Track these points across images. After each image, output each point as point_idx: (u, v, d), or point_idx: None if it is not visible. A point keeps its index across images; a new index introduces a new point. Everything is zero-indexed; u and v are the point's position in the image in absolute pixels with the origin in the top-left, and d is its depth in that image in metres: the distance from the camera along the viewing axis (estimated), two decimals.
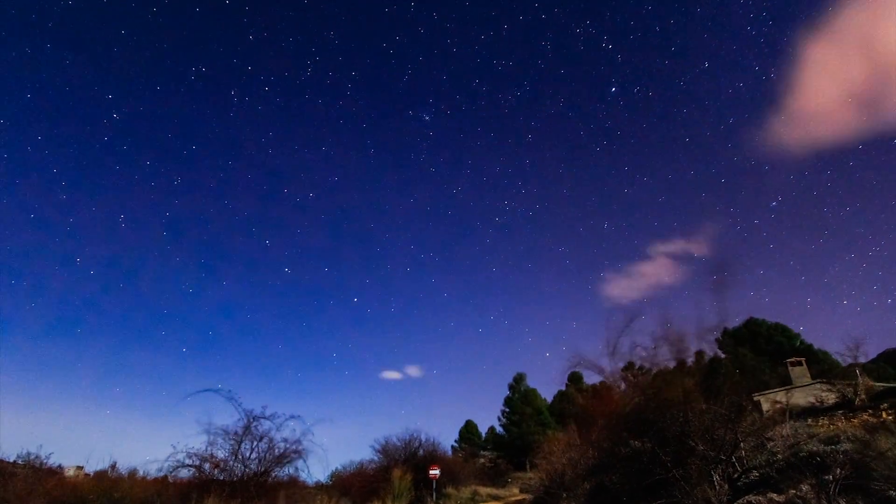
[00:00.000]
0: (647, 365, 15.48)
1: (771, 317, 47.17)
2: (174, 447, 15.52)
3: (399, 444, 32.32)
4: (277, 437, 16.88)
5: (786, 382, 28.66)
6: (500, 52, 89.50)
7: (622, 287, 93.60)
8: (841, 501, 9.36)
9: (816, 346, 42.57)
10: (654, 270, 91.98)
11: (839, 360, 31.97)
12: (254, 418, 16.52)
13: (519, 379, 57.31)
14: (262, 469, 16.33)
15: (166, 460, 15.44)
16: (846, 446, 11.83)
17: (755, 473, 11.85)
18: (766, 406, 23.77)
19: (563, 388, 54.36)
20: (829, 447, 12.22)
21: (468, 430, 62.45)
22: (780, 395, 24.46)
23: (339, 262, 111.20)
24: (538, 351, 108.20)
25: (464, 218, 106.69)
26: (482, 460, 51.88)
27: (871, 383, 25.06)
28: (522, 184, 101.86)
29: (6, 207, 79.23)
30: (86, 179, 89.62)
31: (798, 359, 30.76)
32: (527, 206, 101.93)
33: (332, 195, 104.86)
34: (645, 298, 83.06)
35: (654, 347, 14.79)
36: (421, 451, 32.34)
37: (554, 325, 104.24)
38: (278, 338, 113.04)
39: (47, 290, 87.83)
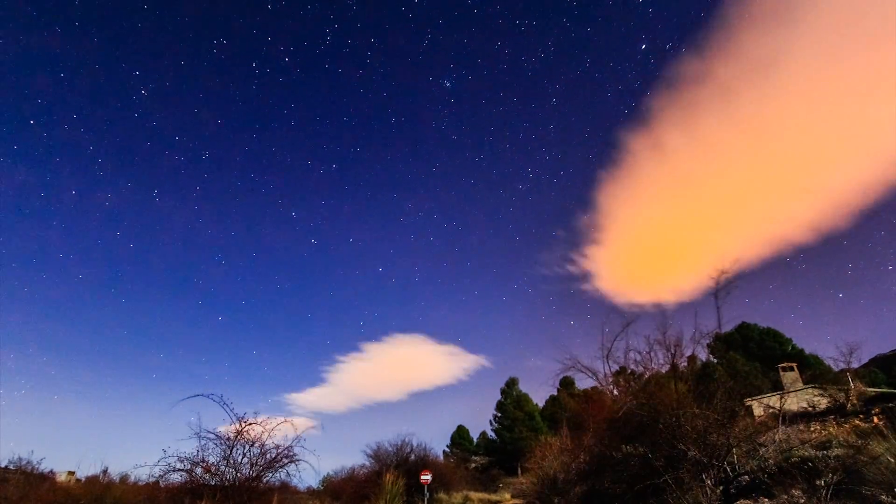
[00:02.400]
0: (640, 369, 15.46)
1: (763, 321, 47.37)
2: (165, 451, 15.33)
3: (391, 449, 32.26)
4: (269, 442, 16.75)
5: (778, 387, 28.73)
6: (523, 11, 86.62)
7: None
8: None
9: (808, 350, 42.77)
10: None
11: (831, 365, 32.13)
12: (246, 422, 16.39)
13: (511, 383, 57.31)
14: (254, 474, 16.18)
15: (156, 464, 15.27)
16: (838, 451, 11.84)
17: (747, 478, 11.85)
18: (758, 411, 23.81)
19: (555, 392, 54.48)
20: (821, 452, 12.23)
21: (460, 435, 62.34)
22: (773, 400, 24.54)
23: (364, 232, 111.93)
24: (532, 353, 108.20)
25: (486, 186, 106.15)
26: (473, 465, 51.81)
27: (863, 388, 25.17)
28: (546, 150, 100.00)
29: (49, 188, 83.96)
30: (121, 157, 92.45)
31: (790, 364, 30.86)
32: (551, 172, 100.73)
33: (355, 165, 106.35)
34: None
35: (649, 352, 14.80)
36: (412, 457, 32.24)
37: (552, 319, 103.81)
38: (301, 311, 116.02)
39: (41, 295, 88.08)
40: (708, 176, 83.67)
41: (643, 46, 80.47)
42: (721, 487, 11.42)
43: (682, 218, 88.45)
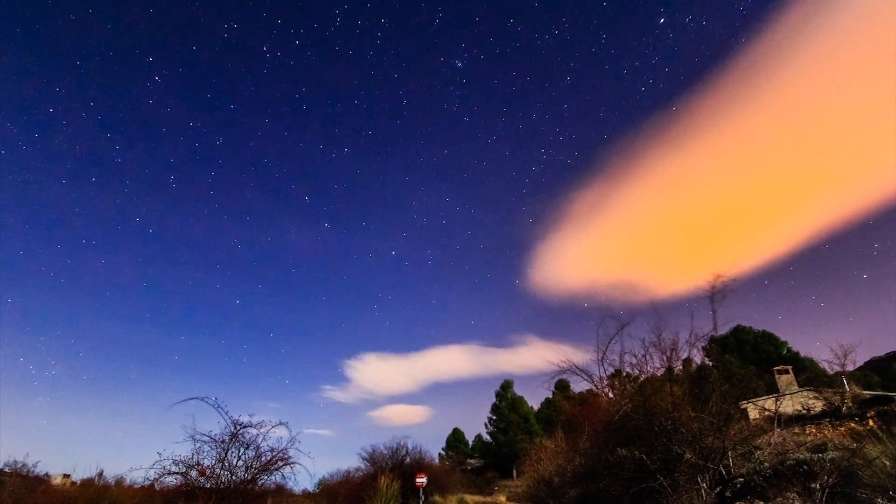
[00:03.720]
0: (635, 372, 15.41)
1: (758, 324, 47.41)
2: (160, 454, 15.26)
3: (386, 451, 32.23)
4: (264, 444, 16.69)
5: (773, 390, 28.76)
6: None
7: None
8: None
9: (803, 353, 42.85)
10: None
11: (826, 367, 32.17)
12: (240, 426, 16.33)
13: (506, 386, 57.27)
14: (249, 477, 16.12)
15: (152, 467, 15.20)
16: (833, 454, 11.86)
17: (742, 481, 11.85)
18: (753, 414, 23.83)
19: (550, 395, 54.47)
20: (817, 455, 12.24)
21: (455, 437, 62.29)
22: (768, 403, 24.55)
23: (376, 216, 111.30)
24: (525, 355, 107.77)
25: (499, 168, 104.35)
26: (468, 468, 51.81)
27: (858, 391, 25.22)
28: (560, 130, 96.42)
29: (70, 176, 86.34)
30: (138, 144, 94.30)
31: (785, 367, 30.91)
32: (565, 153, 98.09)
33: (366, 150, 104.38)
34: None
35: (644, 354, 14.74)
36: (408, 459, 32.22)
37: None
38: (317, 295, 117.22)
39: (33, 299, 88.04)
40: (716, 173, 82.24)
41: (661, 21, 77.78)
42: (717, 490, 11.42)
43: (684, 214, 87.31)
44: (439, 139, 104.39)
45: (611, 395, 17.05)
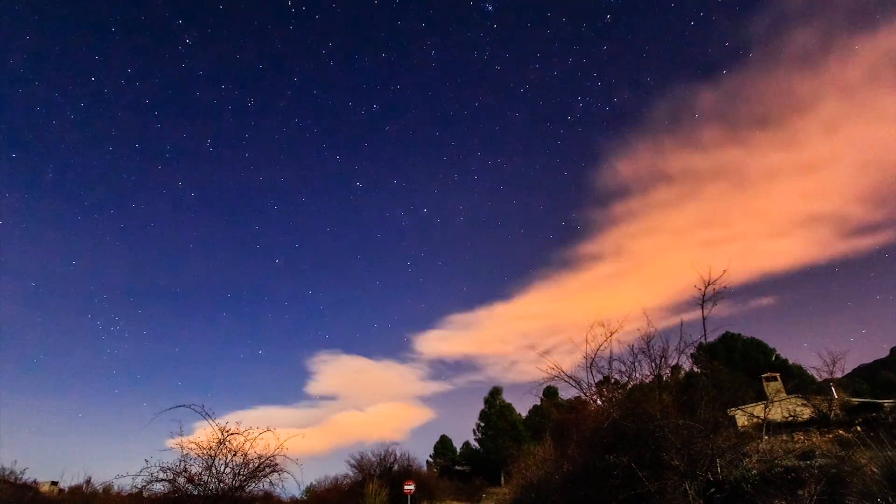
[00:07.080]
0: (624, 379, 15.43)
1: (746, 331, 47.61)
2: (147, 461, 15.15)
3: (374, 458, 32.24)
4: (252, 451, 16.59)
5: (761, 397, 28.84)
6: None
7: None
8: None
9: (791, 360, 43.02)
10: None
11: (814, 374, 32.30)
12: (228, 433, 16.23)
13: (494, 393, 57.18)
14: (237, 484, 16.03)
15: (139, 474, 15.08)
16: (821, 461, 11.88)
17: (730, 488, 11.86)
18: (741, 421, 23.89)
19: (539, 402, 54.47)
20: (805, 462, 12.27)
21: (443, 445, 62.12)
22: (757, 410, 24.61)
23: (407, 173, 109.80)
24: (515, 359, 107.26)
25: (532, 119, 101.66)
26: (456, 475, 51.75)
27: (847, 398, 25.36)
28: (598, 75, 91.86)
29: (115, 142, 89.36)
30: (175, 108, 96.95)
31: (773, 374, 31.03)
32: (604, 100, 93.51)
33: (396, 106, 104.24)
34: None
35: (633, 361, 14.75)
36: (396, 466, 32.21)
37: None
38: (351, 253, 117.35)
39: (25, 304, 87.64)
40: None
41: None
42: (708, 493, 11.42)
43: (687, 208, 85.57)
44: (469, 90, 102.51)
45: (599, 402, 17.05)
